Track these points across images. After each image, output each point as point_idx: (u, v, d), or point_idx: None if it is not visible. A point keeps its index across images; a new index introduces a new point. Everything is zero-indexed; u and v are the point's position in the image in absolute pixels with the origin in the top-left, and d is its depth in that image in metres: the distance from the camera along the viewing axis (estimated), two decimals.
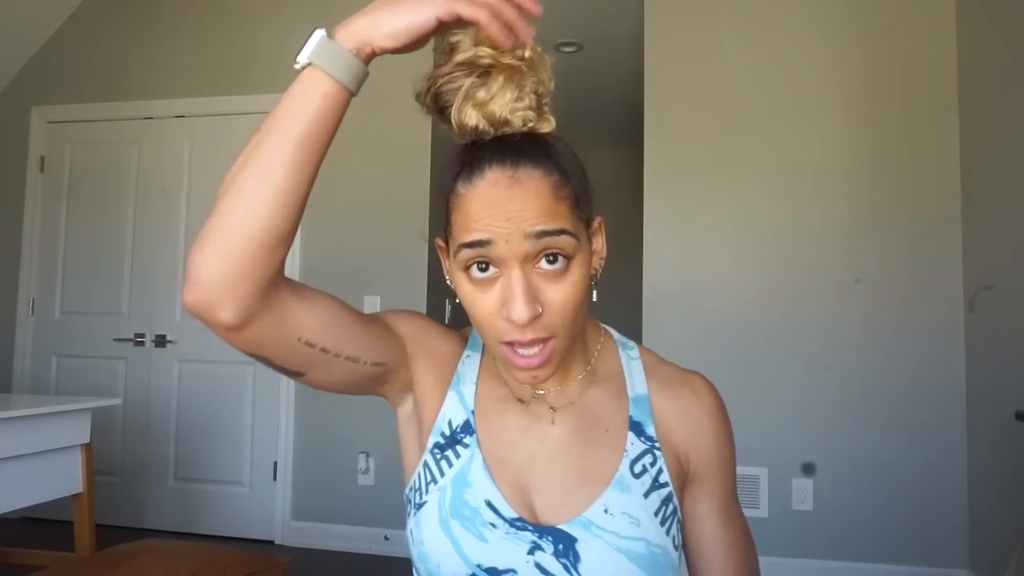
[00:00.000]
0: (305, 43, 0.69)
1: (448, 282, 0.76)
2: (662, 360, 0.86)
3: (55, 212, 3.89)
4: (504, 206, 0.67)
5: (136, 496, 3.66)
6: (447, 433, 0.80)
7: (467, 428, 0.80)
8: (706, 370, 0.87)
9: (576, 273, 0.71)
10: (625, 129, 5.47)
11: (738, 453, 3.07)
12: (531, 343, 0.70)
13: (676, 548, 0.77)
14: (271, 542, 3.48)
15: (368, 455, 3.40)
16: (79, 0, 3.94)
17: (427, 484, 0.79)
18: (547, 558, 0.73)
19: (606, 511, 0.74)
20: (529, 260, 0.69)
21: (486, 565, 0.73)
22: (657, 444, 0.79)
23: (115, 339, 3.75)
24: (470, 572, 0.73)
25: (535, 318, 0.69)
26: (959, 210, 2.94)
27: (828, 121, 3.08)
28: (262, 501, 3.53)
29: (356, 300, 3.44)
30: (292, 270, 3.55)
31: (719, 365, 3.08)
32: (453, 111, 0.71)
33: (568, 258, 0.70)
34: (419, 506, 0.78)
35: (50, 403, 2.47)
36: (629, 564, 0.72)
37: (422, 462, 0.80)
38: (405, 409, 0.85)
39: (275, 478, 3.52)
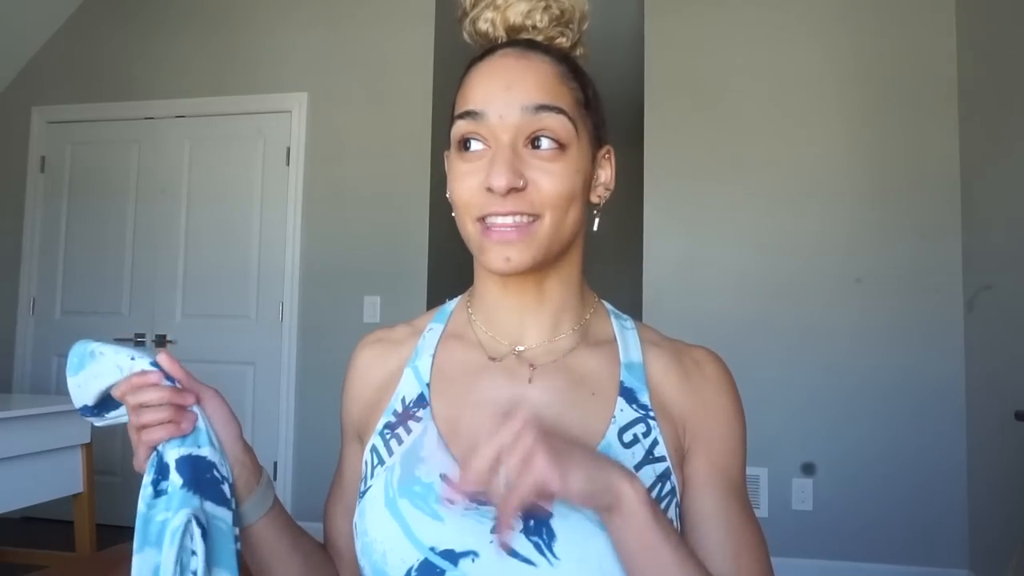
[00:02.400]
0: None
1: (448, 194, 0.72)
2: (662, 335, 0.79)
3: (55, 212, 3.89)
4: (507, 75, 0.67)
5: (136, 496, 3.65)
6: (399, 410, 0.72)
7: (421, 401, 0.71)
8: None
9: (570, 165, 0.67)
10: (625, 129, 5.47)
11: None
12: (509, 214, 0.65)
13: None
14: None
15: None
16: (79, 0, 3.94)
17: (372, 468, 0.70)
18: (517, 537, 0.62)
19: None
20: (521, 137, 0.66)
21: (440, 548, 0.63)
22: (652, 414, 0.70)
23: (115, 339, 3.75)
24: (422, 557, 0.63)
25: (516, 191, 0.64)
26: (959, 210, 2.94)
27: (828, 121, 3.08)
28: None
29: (356, 300, 3.44)
30: (292, 270, 3.55)
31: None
32: (471, 13, 0.74)
33: (563, 145, 0.67)
34: (363, 494, 0.69)
35: (50, 403, 2.47)
36: (610, 547, 0.62)
37: (369, 447, 0.72)
38: None
39: (275, 478, 3.52)
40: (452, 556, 0.63)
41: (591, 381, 0.71)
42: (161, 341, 3.69)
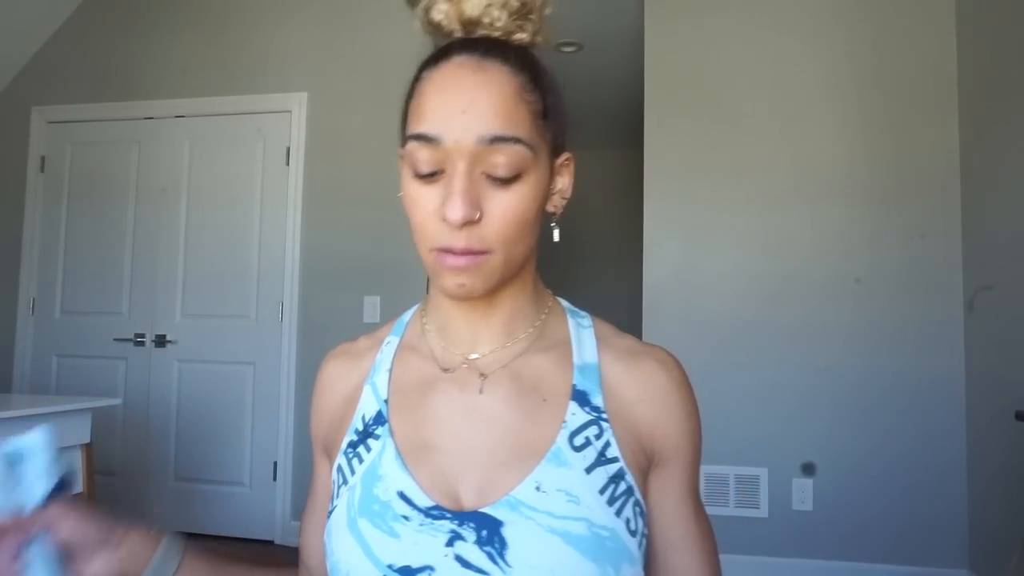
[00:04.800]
0: None
1: (400, 195, 0.71)
2: (619, 332, 0.77)
3: (55, 212, 3.89)
4: (465, 92, 0.64)
5: (136, 496, 3.66)
6: (360, 429, 0.73)
7: (379, 419, 0.72)
8: (706, 370, 0.86)
9: (526, 189, 0.65)
10: (625, 129, 5.47)
11: (738, 453, 3.09)
12: (463, 252, 0.64)
13: (634, 534, 0.66)
14: (271, 542, 3.48)
15: None
16: (79, 0, 3.94)
17: (338, 488, 0.71)
18: (468, 548, 0.63)
19: (538, 488, 0.64)
20: (478, 166, 0.64)
21: (397, 565, 0.63)
22: (604, 415, 0.69)
23: (115, 339, 3.75)
24: (380, 575, 0.64)
25: (471, 224, 0.63)
26: (959, 210, 2.95)
27: (828, 121, 3.08)
28: (262, 501, 3.53)
29: (356, 300, 3.44)
30: (292, 270, 3.55)
31: (719, 365, 3.08)
32: (422, 4, 0.68)
33: (519, 173, 0.65)
34: (330, 513, 0.70)
35: (50, 403, 2.47)
36: (567, 548, 0.62)
37: (335, 467, 0.73)
38: None
39: (275, 478, 3.52)
40: (409, 572, 0.64)
41: (543, 386, 0.71)
42: (161, 341, 3.69)
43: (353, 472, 0.70)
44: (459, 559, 0.63)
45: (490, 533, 0.63)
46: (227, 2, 3.78)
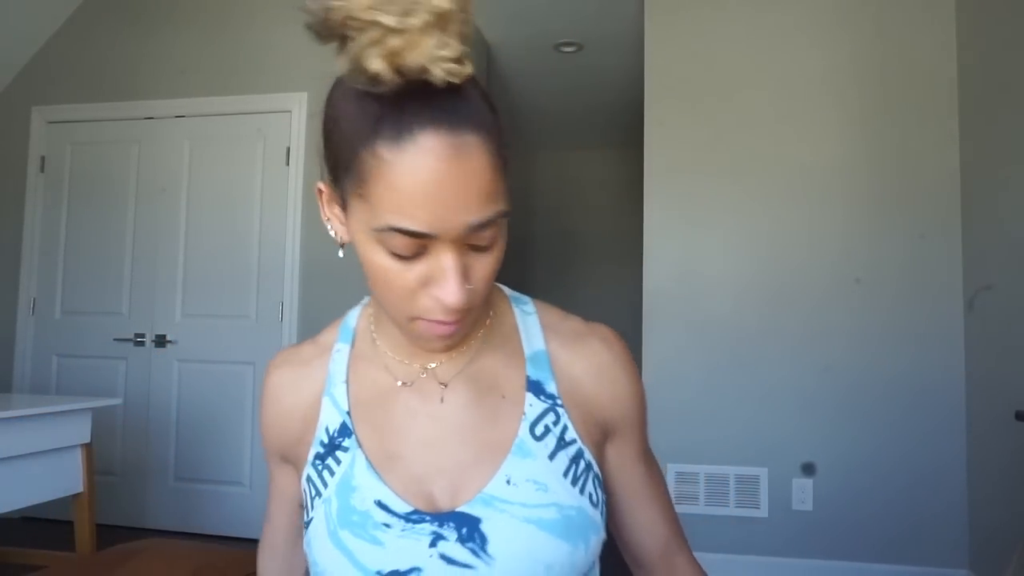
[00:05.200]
0: None
1: (332, 232, 0.68)
2: (563, 314, 0.79)
3: (55, 212, 3.89)
4: (445, 190, 0.57)
5: (136, 496, 3.66)
6: (325, 441, 0.73)
7: (344, 431, 0.73)
8: (706, 370, 0.87)
9: (501, 242, 0.64)
10: (625, 129, 5.47)
11: (738, 453, 3.09)
12: (453, 323, 0.64)
13: (596, 505, 0.71)
14: None
15: None
16: (79, 0, 3.94)
17: (312, 499, 0.72)
18: (451, 546, 0.66)
19: (508, 482, 0.68)
20: (463, 241, 0.61)
21: (386, 571, 0.66)
22: (559, 401, 0.73)
23: (115, 339, 3.75)
24: None
25: None
26: (959, 210, 2.95)
27: (828, 121, 3.08)
28: (262, 501, 3.52)
29: (356, 300, 3.43)
30: (292, 270, 3.55)
31: (719, 365, 3.08)
32: (353, 48, 0.55)
33: (499, 232, 0.63)
34: (307, 524, 0.72)
35: (50, 403, 2.47)
36: (542, 533, 0.66)
37: (304, 477, 0.74)
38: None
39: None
40: (398, 575, 0.66)
41: (500, 383, 0.73)
42: (161, 341, 3.69)
43: (325, 485, 0.71)
44: (444, 558, 0.66)
45: (470, 530, 0.66)
46: (227, 2, 3.78)
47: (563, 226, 6.37)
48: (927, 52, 3.02)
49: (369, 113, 0.59)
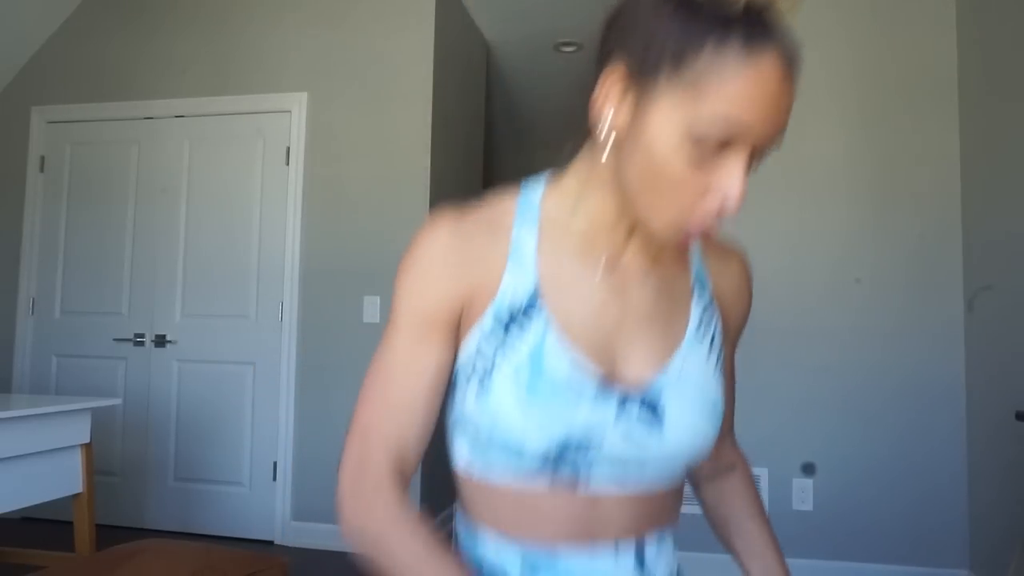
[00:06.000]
0: None
1: (604, 125, 0.69)
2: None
3: (55, 212, 3.89)
4: (775, 104, 0.65)
5: (136, 496, 3.66)
6: (509, 309, 0.74)
7: (533, 302, 0.74)
8: None
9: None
10: None
11: None
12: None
13: (723, 402, 0.80)
14: (271, 542, 3.48)
15: None
16: (79, 0, 3.94)
17: (489, 367, 0.72)
18: (633, 421, 0.73)
19: (682, 369, 0.76)
20: (756, 155, 0.68)
21: (574, 436, 0.71)
22: (714, 303, 0.84)
23: (115, 339, 3.75)
24: (557, 444, 0.71)
25: None
26: (959, 210, 2.95)
27: (828, 121, 3.08)
28: (262, 501, 3.53)
29: (356, 300, 3.44)
30: (292, 270, 3.55)
31: None
32: None
33: None
34: (483, 382, 0.72)
35: (50, 403, 2.47)
36: (703, 418, 0.75)
37: (477, 345, 0.74)
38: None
39: (275, 478, 3.52)
40: (581, 440, 0.71)
41: (675, 282, 0.81)
42: (161, 341, 3.69)
43: (511, 350, 0.72)
44: (623, 431, 0.72)
45: (651, 407, 0.74)
46: (227, 2, 3.78)
47: None
48: (927, 52, 3.02)
49: (716, 16, 0.64)
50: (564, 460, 0.72)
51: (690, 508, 3.17)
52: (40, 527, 3.40)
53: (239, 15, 3.75)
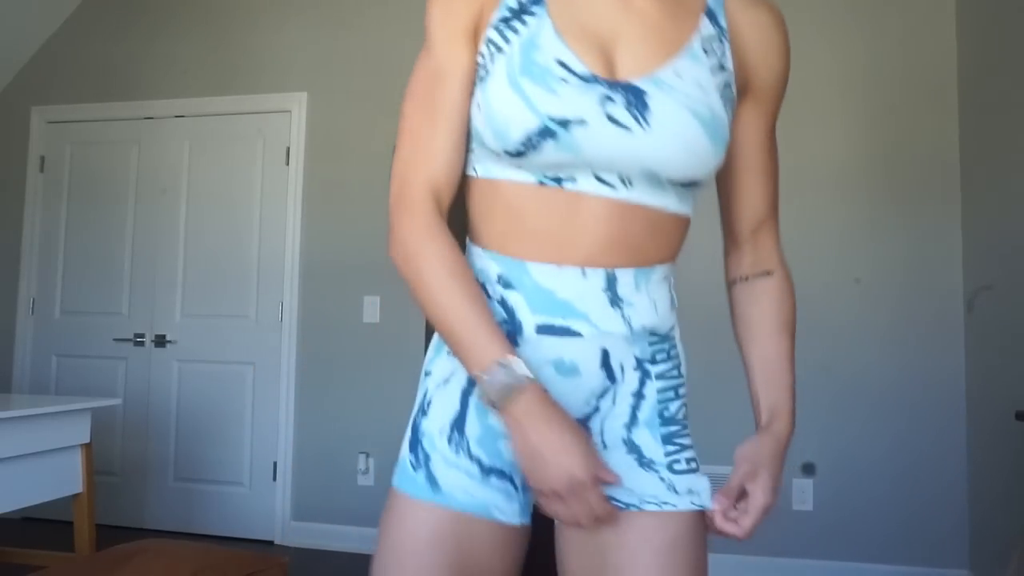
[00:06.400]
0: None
1: None
2: None
3: (55, 212, 3.89)
4: None
5: (136, 496, 3.66)
6: (514, 5, 0.81)
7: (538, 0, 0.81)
8: (706, 370, 0.88)
9: None
10: None
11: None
12: None
13: (728, 130, 0.82)
14: (271, 542, 3.48)
15: (368, 455, 3.40)
16: (79, 0, 3.94)
17: (492, 55, 0.80)
18: (618, 109, 0.77)
19: (677, 74, 0.79)
20: None
21: (556, 116, 0.76)
22: (726, 33, 0.85)
23: (115, 339, 3.75)
24: (540, 123, 0.76)
25: None
26: (959, 210, 2.95)
27: (828, 121, 3.08)
28: (262, 501, 3.53)
29: (356, 300, 3.44)
30: (292, 270, 3.55)
31: (719, 365, 3.08)
32: None
33: None
34: (483, 78, 0.80)
35: (50, 403, 2.47)
36: (695, 122, 0.78)
37: (485, 40, 0.81)
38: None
39: (275, 478, 3.52)
40: (564, 122, 0.76)
41: (686, 3, 0.84)
42: (161, 341, 3.69)
43: (508, 41, 0.80)
44: (609, 116, 0.77)
45: (637, 99, 0.78)
46: (227, 2, 3.78)
47: None
48: (927, 52, 3.02)
49: None
50: (546, 143, 0.76)
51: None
52: (40, 527, 3.41)
53: (240, 15, 3.75)
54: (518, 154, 0.77)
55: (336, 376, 3.44)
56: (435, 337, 0.88)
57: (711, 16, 0.85)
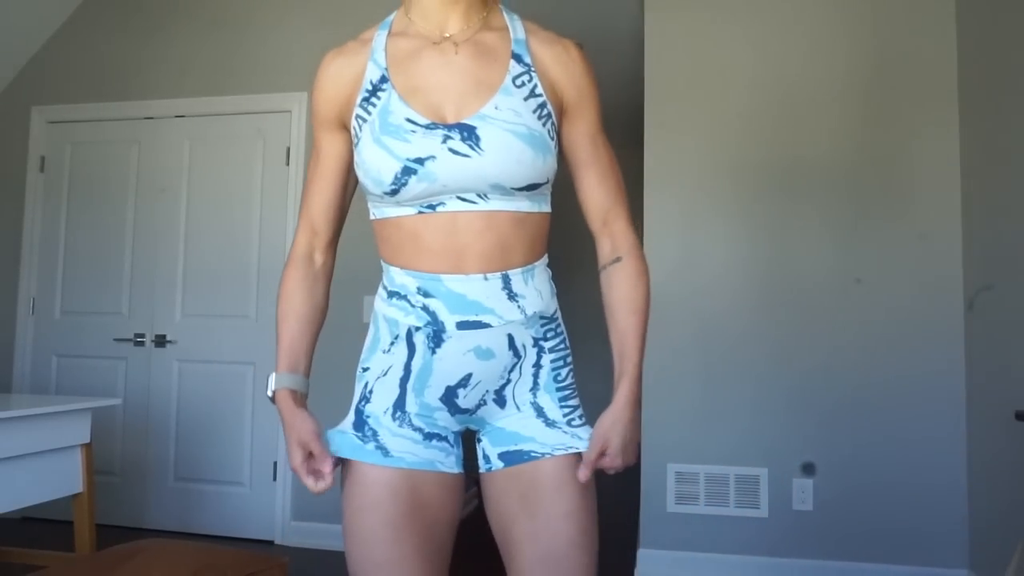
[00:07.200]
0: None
1: None
2: (538, 26, 1.12)
3: (55, 212, 3.89)
4: None
5: (136, 496, 3.66)
6: (369, 88, 1.05)
7: (383, 79, 1.05)
8: (706, 370, 0.88)
9: None
10: (625, 129, 5.47)
11: (738, 453, 3.07)
12: None
13: (551, 138, 1.05)
14: (271, 542, 3.49)
15: None
16: (79, 0, 3.94)
17: (360, 126, 1.05)
18: (457, 143, 0.99)
19: (496, 108, 1.01)
20: None
21: (412, 156, 0.99)
22: (533, 68, 1.06)
23: (115, 339, 3.75)
24: (402, 165, 0.99)
25: None
26: (959, 210, 2.94)
27: (828, 121, 3.08)
28: (262, 501, 3.53)
29: (356, 300, 3.44)
30: None
31: (719, 365, 3.08)
32: None
33: None
34: (357, 143, 1.05)
35: (50, 403, 2.47)
36: (516, 140, 1.00)
37: (354, 119, 1.06)
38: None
39: (275, 478, 3.52)
40: (420, 160, 0.99)
41: (494, 51, 1.06)
42: (161, 341, 3.69)
43: (370, 114, 1.04)
44: (451, 149, 0.99)
45: (469, 133, 1.00)
46: (227, 2, 3.78)
47: (562, 226, 6.36)
48: (927, 52, 3.02)
49: None
50: (411, 178, 0.99)
51: (686, 508, 3.16)
52: (40, 527, 3.41)
53: (239, 15, 3.75)
54: (393, 192, 1.01)
55: (336, 376, 3.43)
56: (367, 340, 1.17)
57: (517, 58, 1.06)
